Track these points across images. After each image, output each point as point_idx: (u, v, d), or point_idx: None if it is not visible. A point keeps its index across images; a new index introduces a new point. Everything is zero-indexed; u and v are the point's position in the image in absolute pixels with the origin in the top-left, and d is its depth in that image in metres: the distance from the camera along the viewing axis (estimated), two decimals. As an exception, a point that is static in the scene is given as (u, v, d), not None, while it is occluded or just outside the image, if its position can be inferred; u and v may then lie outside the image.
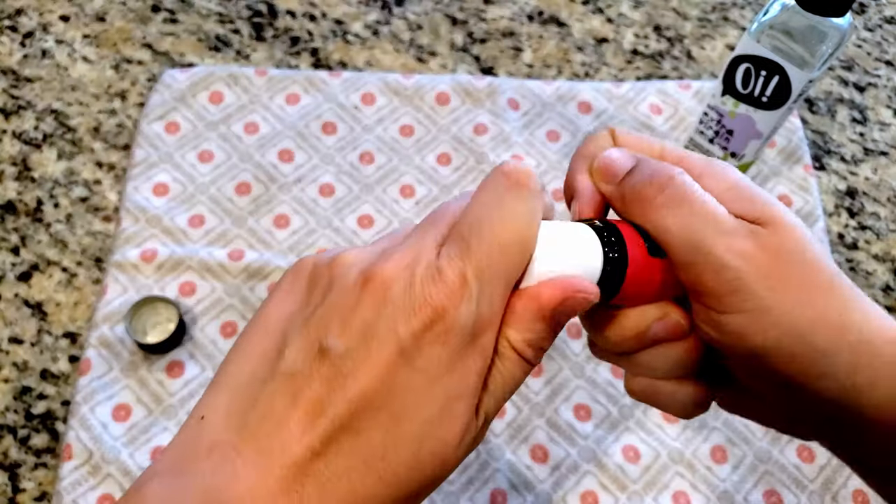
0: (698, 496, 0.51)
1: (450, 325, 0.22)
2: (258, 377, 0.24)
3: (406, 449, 0.23)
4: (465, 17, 0.71)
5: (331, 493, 0.22)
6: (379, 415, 0.23)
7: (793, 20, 0.49)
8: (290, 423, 0.23)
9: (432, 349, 0.23)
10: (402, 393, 0.23)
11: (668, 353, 0.28)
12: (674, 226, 0.26)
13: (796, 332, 0.25)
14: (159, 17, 0.69)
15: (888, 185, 0.65)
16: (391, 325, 0.23)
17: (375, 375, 0.22)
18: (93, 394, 0.51)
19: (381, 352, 0.23)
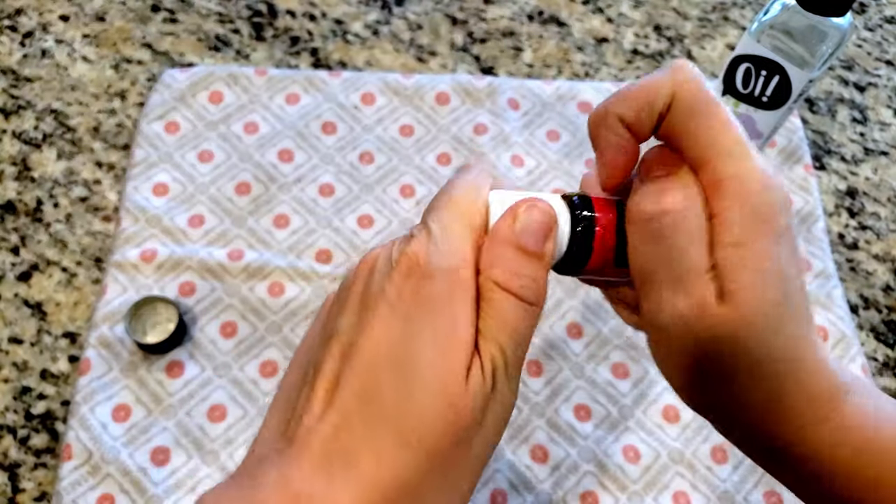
0: (698, 496, 0.51)
1: (423, 268, 0.24)
2: (296, 388, 0.26)
3: (416, 400, 0.23)
4: (465, 16, 0.71)
5: (356, 465, 0.23)
6: (386, 373, 0.23)
7: (793, 20, 0.48)
8: (314, 406, 0.24)
9: (416, 297, 0.24)
10: (400, 345, 0.24)
11: None
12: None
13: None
14: (159, 16, 0.69)
15: (888, 185, 0.65)
16: (378, 288, 0.25)
17: (374, 336, 0.24)
18: (92, 394, 0.51)
19: (374, 314, 0.24)
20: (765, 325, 0.24)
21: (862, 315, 0.59)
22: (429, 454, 0.23)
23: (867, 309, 0.59)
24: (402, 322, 0.24)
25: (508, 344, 0.25)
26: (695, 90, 0.25)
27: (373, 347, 0.24)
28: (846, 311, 0.58)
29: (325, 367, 0.25)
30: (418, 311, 0.24)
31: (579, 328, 0.56)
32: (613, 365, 0.55)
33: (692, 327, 0.25)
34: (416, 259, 0.24)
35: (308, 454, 0.23)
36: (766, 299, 0.24)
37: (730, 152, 0.24)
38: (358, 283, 0.26)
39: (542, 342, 0.55)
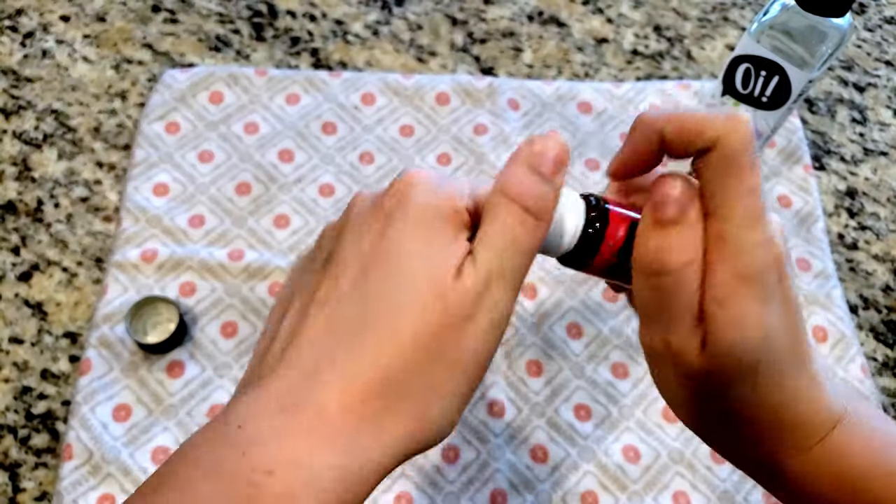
0: (698, 496, 0.51)
1: (420, 183, 0.26)
2: (279, 316, 0.27)
3: (402, 290, 0.24)
4: (465, 17, 0.71)
5: (338, 364, 0.23)
6: (372, 271, 0.24)
7: (793, 20, 0.49)
8: (298, 323, 0.25)
9: (412, 202, 0.25)
10: (393, 244, 0.25)
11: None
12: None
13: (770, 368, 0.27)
14: (159, 17, 0.69)
15: (888, 185, 0.65)
16: (371, 204, 0.26)
17: (363, 243, 0.25)
18: (93, 394, 0.51)
19: (368, 231, 0.25)
20: (741, 379, 0.26)
21: (861, 315, 0.59)
22: (414, 345, 0.23)
23: (867, 309, 0.59)
24: (395, 225, 0.25)
25: (507, 251, 0.25)
26: (740, 148, 0.25)
27: (359, 252, 0.25)
28: (846, 311, 0.58)
29: (314, 290, 0.25)
30: (409, 213, 0.25)
31: (579, 328, 0.56)
32: (613, 365, 0.55)
33: (681, 363, 0.26)
34: (412, 181, 0.26)
35: (293, 366, 0.24)
36: (743, 358, 0.25)
37: (741, 219, 0.25)
38: (348, 214, 0.27)
39: (542, 342, 0.55)
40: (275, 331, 0.26)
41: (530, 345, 0.55)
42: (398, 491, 0.49)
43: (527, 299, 0.56)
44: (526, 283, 0.57)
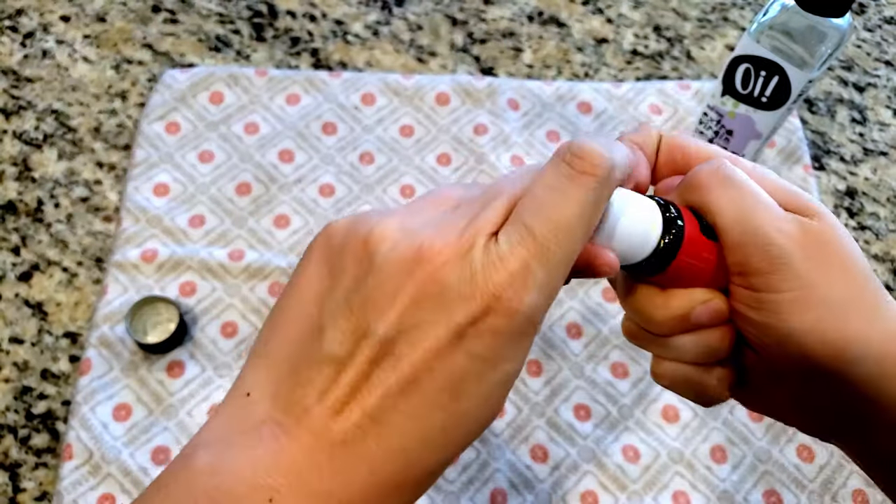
0: (698, 496, 0.51)
1: (512, 314, 0.22)
2: (301, 357, 0.24)
3: (465, 424, 0.23)
4: (465, 17, 0.71)
5: (385, 469, 0.23)
6: (436, 395, 0.22)
7: (792, 20, 0.49)
8: (334, 401, 0.23)
9: (493, 338, 0.22)
10: (460, 377, 0.23)
11: (704, 339, 0.28)
12: (728, 206, 0.27)
13: (833, 315, 0.26)
14: (160, 17, 0.69)
15: (888, 185, 0.65)
16: (447, 310, 0.22)
17: (429, 358, 0.22)
18: (93, 394, 0.51)
19: (435, 335, 0.22)
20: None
21: (861, 315, 0.59)
22: (450, 459, 0.24)
23: (866, 309, 0.59)
24: (465, 356, 0.22)
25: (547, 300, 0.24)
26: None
27: (425, 367, 0.22)
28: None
29: (355, 367, 0.23)
30: (489, 353, 0.23)
31: (579, 328, 0.56)
32: (613, 365, 0.55)
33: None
34: (506, 302, 0.22)
35: (327, 448, 0.23)
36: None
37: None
38: (418, 290, 0.22)
39: (542, 342, 0.55)
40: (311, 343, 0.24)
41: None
42: (398, 491, 0.49)
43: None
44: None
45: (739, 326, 0.28)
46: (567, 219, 0.23)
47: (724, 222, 0.27)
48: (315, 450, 0.23)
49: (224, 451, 0.23)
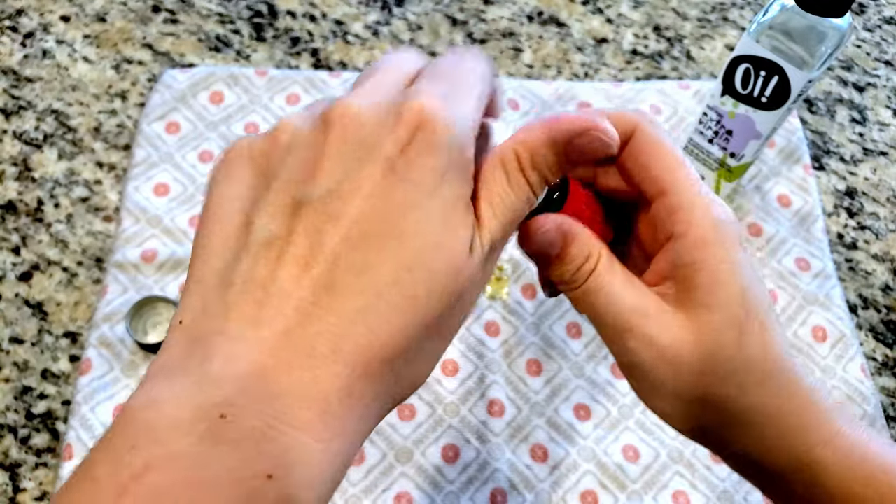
0: (698, 496, 0.51)
1: (438, 129, 0.21)
2: (232, 259, 0.21)
3: (419, 267, 0.21)
4: (465, 17, 0.71)
5: (347, 342, 0.20)
6: (382, 241, 0.21)
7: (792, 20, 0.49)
8: (280, 282, 0.20)
9: (424, 159, 0.21)
10: (402, 211, 0.21)
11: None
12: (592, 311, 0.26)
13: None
14: (160, 17, 0.69)
15: (887, 185, 0.65)
16: (373, 148, 0.21)
17: (368, 201, 0.21)
18: (93, 393, 0.51)
19: (368, 177, 0.21)
20: (734, 339, 0.25)
21: (861, 315, 0.59)
22: (428, 316, 0.21)
23: (866, 309, 0.59)
24: (404, 186, 0.21)
25: (507, 225, 0.24)
26: (657, 131, 0.26)
27: (366, 213, 0.21)
28: (845, 310, 0.58)
29: (293, 241, 0.21)
30: (425, 176, 0.21)
31: (578, 328, 0.56)
32: (613, 364, 0.55)
33: (667, 356, 0.26)
34: (426, 119, 0.21)
35: (281, 338, 0.20)
36: (732, 310, 0.25)
37: (688, 184, 0.26)
38: (337, 142, 0.21)
39: (542, 342, 0.55)
40: (236, 246, 0.22)
41: (530, 344, 0.55)
42: (398, 490, 0.50)
43: (526, 299, 0.57)
44: (525, 282, 0.57)
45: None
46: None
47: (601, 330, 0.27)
48: (266, 346, 0.20)
49: (161, 381, 0.20)
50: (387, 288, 0.20)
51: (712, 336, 0.25)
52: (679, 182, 0.26)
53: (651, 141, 0.26)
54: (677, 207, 0.26)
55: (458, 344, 0.55)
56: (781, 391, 0.26)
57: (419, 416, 0.52)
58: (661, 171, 0.26)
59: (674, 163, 0.26)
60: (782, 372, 0.26)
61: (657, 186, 0.26)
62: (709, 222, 0.25)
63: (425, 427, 0.52)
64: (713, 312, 0.25)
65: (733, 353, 0.25)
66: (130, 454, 0.18)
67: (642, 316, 0.25)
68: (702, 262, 0.25)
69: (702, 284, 0.25)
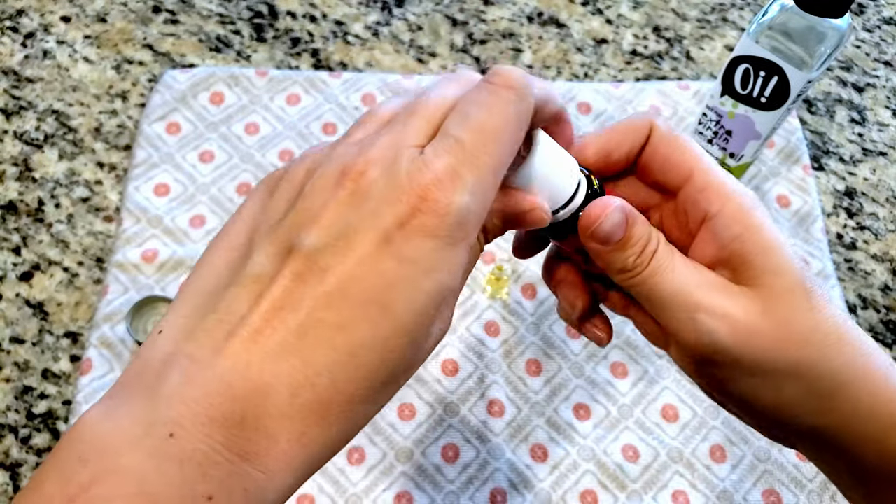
0: (697, 495, 0.51)
1: (440, 214, 0.21)
2: (224, 284, 0.22)
3: (395, 339, 0.21)
4: (465, 17, 0.71)
5: (307, 390, 0.21)
6: (365, 307, 0.21)
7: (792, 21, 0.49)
8: (253, 319, 0.21)
9: (422, 241, 0.21)
10: (388, 284, 0.21)
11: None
12: (656, 295, 0.27)
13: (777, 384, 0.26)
14: (160, 17, 0.69)
15: (887, 185, 0.65)
16: (373, 216, 0.21)
17: (357, 267, 0.21)
18: (94, 393, 0.51)
19: (363, 242, 0.21)
20: (804, 301, 0.25)
21: (860, 315, 0.59)
22: (393, 380, 0.22)
23: (865, 309, 0.59)
24: (396, 262, 0.21)
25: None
26: (668, 128, 0.28)
27: (353, 277, 0.21)
28: (845, 311, 0.58)
29: (278, 282, 0.21)
30: (421, 257, 0.21)
31: (579, 328, 0.56)
32: (612, 364, 0.55)
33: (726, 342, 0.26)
34: (433, 202, 0.21)
35: (241, 371, 0.20)
36: (783, 274, 0.25)
37: (713, 168, 0.27)
38: (344, 200, 0.22)
39: (542, 342, 0.55)
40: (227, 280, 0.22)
41: (529, 344, 0.55)
42: (398, 490, 0.50)
43: (526, 299, 0.57)
44: (525, 282, 0.57)
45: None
46: (493, 127, 0.23)
47: (654, 310, 0.28)
48: (228, 374, 0.20)
49: (121, 394, 0.21)
50: (363, 351, 0.21)
51: (781, 301, 0.25)
52: (702, 165, 0.27)
53: (667, 135, 0.28)
54: (706, 186, 0.27)
55: (458, 344, 0.55)
56: (863, 349, 0.25)
57: (419, 416, 0.52)
58: (682, 159, 0.27)
59: (692, 150, 0.27)
60: (855, 330, 0.26)
61: (682, 173, 0.27)
62: (739, 194, 0.26)
63: (425, 427, 0.52)
64: (776, 277, 0.25)
65: (806, 316, 0.25)
66: (79, 466, 0.19)
67: (711, 291, 0.26)
68: (747, 232, 0.26)
69: (754, 252, 0.25)
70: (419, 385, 0.53)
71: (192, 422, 0.20)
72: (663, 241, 0.27)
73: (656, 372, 0.55)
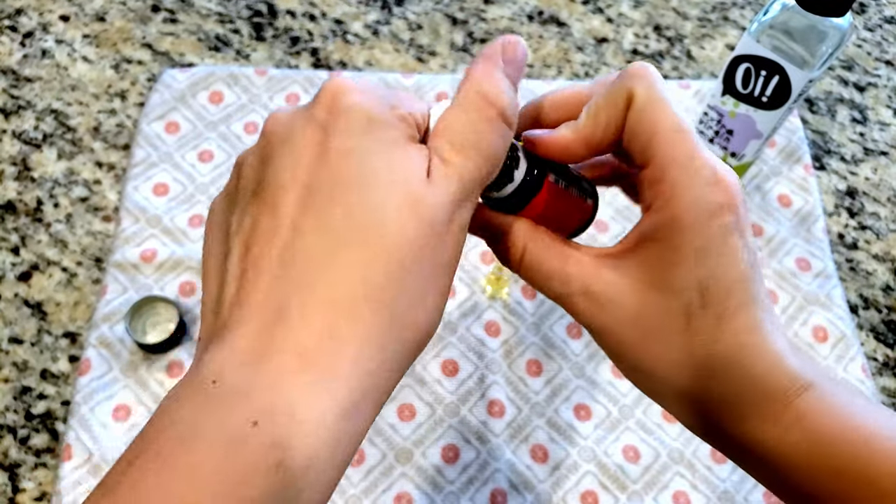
0: (698, 496, 0.51)
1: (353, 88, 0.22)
2: (218, 290, 0.23)
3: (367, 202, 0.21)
4: (465, 16, 0.71)
5: (317, 290, 0.21)
6: (332, 189, 0.21)
7: (793, 20, 0.49)
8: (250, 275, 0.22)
9: (348, 114, 0.22)
10: (343, 157, 0.22)
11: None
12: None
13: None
14: (159, 16, 0.69)
15: (888, 184, 0.65)
16: (304, 120, 0.23)
17: (311, 158, 0.22)
18: (92, 394, 0.51)
19: (304, 142, 0.22)
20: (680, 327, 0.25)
21: (862, 315, 0.59)
22: (399, 259, 0.21)
23: (867, 309, 0.59)
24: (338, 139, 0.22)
25: (480, 156, 0.23)
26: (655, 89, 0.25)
27: (297, 173, 0.22)
28: (846, 310, 0.58)
29: (252, 226, 0.22)
30: (351, 124, 0.22)
31: (579, 328, 0.56)
32: (613, 364, 0.55)
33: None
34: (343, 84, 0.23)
35: (255, 309, 0.21)
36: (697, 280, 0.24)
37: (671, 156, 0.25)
38: (268, 137, 0.23)
39: (542, 342, 0.55)
40: (219, 282, 0.23)
41: (530, 344, 0.55)
42: (398, 491, 0.49)
43: (526, 299, 0.56)
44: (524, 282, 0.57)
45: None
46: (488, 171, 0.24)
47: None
48: (245, 331, 0.21)
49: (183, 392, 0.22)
50: (345, 231, 0.21)
51: (657, 320, 0.25)
52: (665, 152, 0.24)
53: (642, 108, 0.25)
54: (658, 181, 0.24)
55: (458, 344, 0.54)
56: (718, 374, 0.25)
57: (419, 417, 0.52)
58: (648, 139, 0.25)
59: (664, 130, 0.24)
60: (730, 362, 0.25)
61: (644, 155, 0.25)
62: (686, 203, 0.24)
63: (425, 427, 0.52)
64: (664, 296, 0.25)
65: (674, 342, 0.25)
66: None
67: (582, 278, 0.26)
68: (667, 241, 0.24)
69: (661, 265, 0.24)
70: (419, 385, 0.53)
71: (228, 369, 0.21)
72: (531, 249, 0.27)
73: (657, 372, 0.55)
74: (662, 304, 0.25)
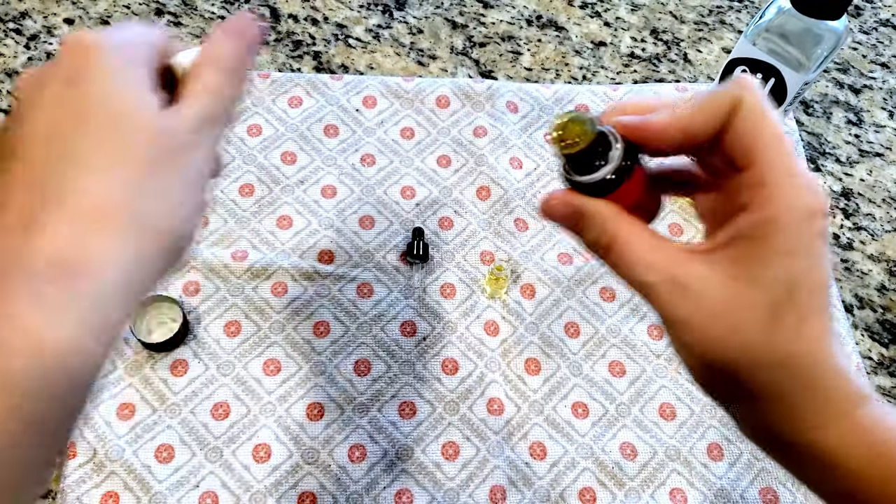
0: (695, 493, 0.51)
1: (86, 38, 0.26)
2: None
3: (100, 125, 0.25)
4: (465, 21, 0.72)
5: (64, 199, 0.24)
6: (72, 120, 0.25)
7: (788, 23, 0.49)
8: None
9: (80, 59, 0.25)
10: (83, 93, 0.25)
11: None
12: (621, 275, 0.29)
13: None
14: (163, 20, 0.69)
15: (883, 186, 0.66)
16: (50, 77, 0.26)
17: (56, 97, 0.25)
18: (97, 392, 0.51)
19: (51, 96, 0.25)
20: (764, 321, 0.25)
21: (857, 315, 0.60)
22: (137, 169, 0.25)
23: (862, 309, 0.60)
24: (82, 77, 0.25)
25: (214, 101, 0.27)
26: (759, 102, 0.26)
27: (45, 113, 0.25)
28: (841, 310, 0.59)
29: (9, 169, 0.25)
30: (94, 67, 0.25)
31: (577, 327, 0.56)
32: (610, 363, 0.55)
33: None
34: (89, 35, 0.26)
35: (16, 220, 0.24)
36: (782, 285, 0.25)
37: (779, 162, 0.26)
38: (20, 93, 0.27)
39: (540, 341, 0.56)
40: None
41: (528, 343, 0.56)
42: (398, 487, 0.50)
43: (525, 298, 0.57)
44: (524, 282, 0.58)
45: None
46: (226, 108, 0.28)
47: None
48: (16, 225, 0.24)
49: None
50: (90, 157, 0.24)
51: (743, 313, 0.25)
52: (768, 157, 0.26)
53: (750, 117, 0.26)
54: (759, 184, 0.26)
55: (458, 343, 0.55)
56: (794, 375, 0.26)
57: (419, 415, 0.52)
58: (753, 144, 0.26)
59: (769, 137, 0.26)
60: (805, 365, 0.26)
61: (747, 158, 0.26)
62: (786, 205, 0.25)
63: (425, 425, 0.52)
64: (753, 289, 0.25)
65: (757, 337, 0.25)
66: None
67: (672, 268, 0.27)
68: (763, 239, 0.25)
69: (753, 262, 0.25)
70: (420, 383, 0.54)
71: None
72: (622, 235, 0.28)
73: (654, 371, 0.55)
74: (750, 298, 0.25)
